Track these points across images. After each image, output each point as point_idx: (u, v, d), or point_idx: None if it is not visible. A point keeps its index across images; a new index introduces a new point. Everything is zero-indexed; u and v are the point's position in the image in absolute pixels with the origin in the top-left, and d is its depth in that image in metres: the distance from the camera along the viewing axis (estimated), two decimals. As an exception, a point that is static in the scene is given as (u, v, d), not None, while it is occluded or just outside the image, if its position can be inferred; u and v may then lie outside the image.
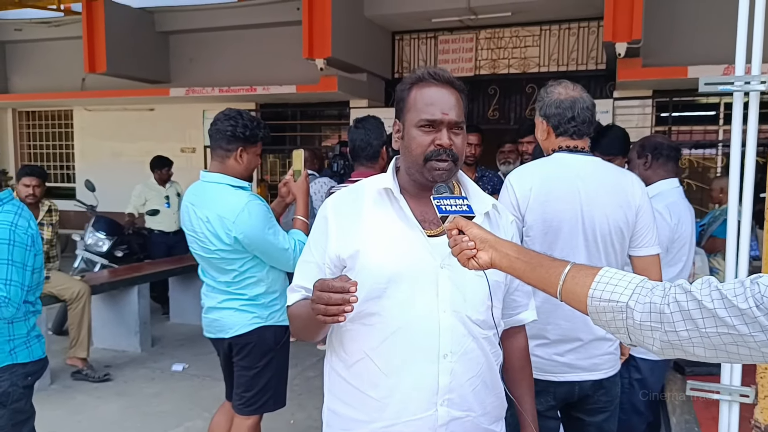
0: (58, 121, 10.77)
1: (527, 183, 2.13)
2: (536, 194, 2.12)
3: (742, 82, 2.09)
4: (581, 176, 2.15)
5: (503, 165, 4.87)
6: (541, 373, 2.13)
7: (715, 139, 6.95)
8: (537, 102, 2.26)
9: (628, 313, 1.09)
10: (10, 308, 2.27)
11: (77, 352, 4.88)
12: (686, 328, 1.03)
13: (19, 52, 10.16)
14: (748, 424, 2.14)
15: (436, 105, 1.49)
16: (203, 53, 8.83)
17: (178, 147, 9.37)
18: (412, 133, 1.51)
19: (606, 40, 5.71)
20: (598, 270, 1.17)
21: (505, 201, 2.13)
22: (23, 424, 2.41)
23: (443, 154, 1.48)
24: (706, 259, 3.66)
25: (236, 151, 2.70)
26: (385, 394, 1.49)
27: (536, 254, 1.28)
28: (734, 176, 2.16)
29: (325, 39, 6.45)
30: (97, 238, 6.52)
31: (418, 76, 1.54)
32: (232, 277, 2.72)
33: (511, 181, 2.16)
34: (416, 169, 1.52)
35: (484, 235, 1.30)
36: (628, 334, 1.11)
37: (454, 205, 1.37)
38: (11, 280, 2.26)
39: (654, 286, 1.10)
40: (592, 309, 1.14)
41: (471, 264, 1.30)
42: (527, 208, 2.12)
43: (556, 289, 1.20)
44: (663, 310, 1.05)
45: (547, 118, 2.21)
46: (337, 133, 8.86)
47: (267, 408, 2.86)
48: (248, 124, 2.72)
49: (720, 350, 1.01)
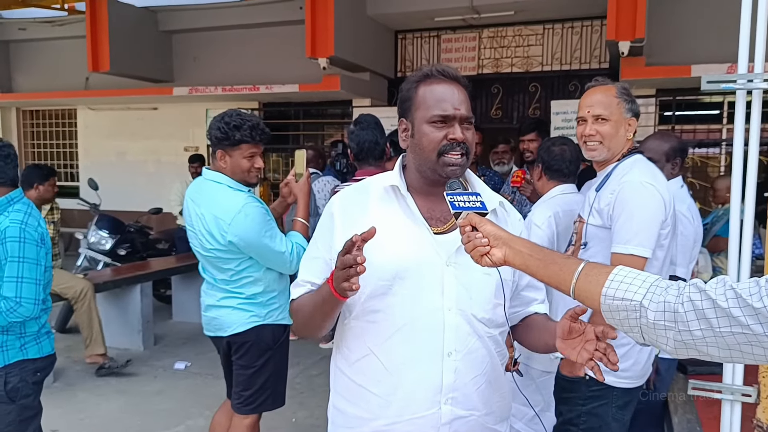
0: (62, 120, 10.80)
1: (664, 185, 2.11)
2: (669, 197, 2.11)
3: (745, 80, 2.09)
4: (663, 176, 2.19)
5: (497, 165, 4.85)
6: (639, 379, 2.19)
7: (719, 138, 6.94)
8: (623, 96, 2.16)
9: (642, 312, 1.08)
10: (26, 307, 2.30)
11: (95, 349, 4.90)
12: (700, 327, 1.02)
13: (23, 51, 10.19)
14: (750, 423, 2.14)
15: (447, 101, 1.49)
16: (206, 52, 8.84)
17: (181, 146, 9.39)
18: (424, 129, 1.50)
19: (609, 39, 5.70)
20: (612, 268, 1.16)
21: (655, 206, 2.06)
22: (31, 420, 2.42)
23: (457, 148, 1.48)
24: (709, 259, 3.65)
25: (217, 153, 2.68)
26: (388, 392, 1.49)
27: (549, 251, 1.28)
28: (737, 175, 2.15)
29: (327, 38, 6.45)
30: (100, 237, 6.53)
31: (425, 73, 1.54)
32: (229, 276, 2.71)
33: (653, 184, 2.07)
34: (429, 165, 1.51)
35: (498, 231, 1.30)
36: (642, 333, 1.10)
37: (467, 201, 1.36)
38: (23, 278, 2.29)
39: (669, 285, 1.09)
40: (606, 307, 1.14)
41: (484, 261, 1.29)
42: (671, 211, 2.10)
43: (569, 287, 1.19)
44: (677, 309, 1.04)
45: (636, 115, 2.18)
46: (340, 132, 8.87)
47: (265, 407, 2.86)
48: (223, 127, 2.61)
49: (734, 350, 1.00)
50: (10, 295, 2.28)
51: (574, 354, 1.32)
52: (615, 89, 2.16)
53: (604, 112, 2.13)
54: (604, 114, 2.13)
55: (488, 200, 1.53)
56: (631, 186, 2.05)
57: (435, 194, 1.53)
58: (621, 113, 2.13)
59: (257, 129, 2.65)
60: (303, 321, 1.59)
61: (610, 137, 2.14)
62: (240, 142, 2.63)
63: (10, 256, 2.29)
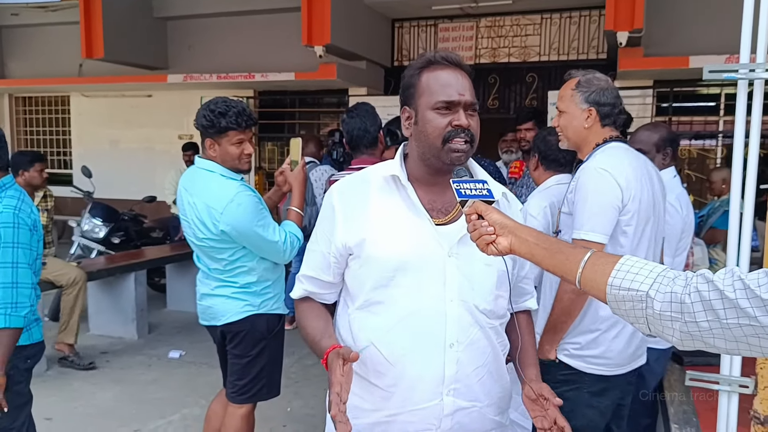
0: (55, 107, 10.72)
1: (624, 172, 2.09)
2: (634, 183, 2.09)
3: (747, 70, 2.06)
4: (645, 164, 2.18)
5: (505, 154, 4.87)
6: (617, 367, 2.18)
7: (715, 130, 6.94)
8: (580, 88, 2.19)
9: (648, 303, 1.07)
10: (24, 290, 2.28)
11: (65, 338, 4.87)
12: (707, 318, 1.00)
13: (17, 37, 10.08)
14: (747, 414, 2.13)
15: (452, 86, 1.47)
16: (202, 39, 8.76)
17: (175, 134, 9.32)
18: (428, 116, 1.48)
19: (607, 29, 5.67)
20: (618, 258, 1.15)
21: (606, 190, 2.06)
22: (22, 407, 2.42)
23: (462, 135, 1.46)
24: (705, 250, 3.65)
25: (206, 142, 2.65)
26: (390, 383, 1.49)
27: (556, 240, 1.27)
28: (737, 166, 2.14)
29: (324, 26, 6.40)
30: (94, 225, 6.50)
31: (428, 59, 1.52)
32: (222, 265, 2.69)
33: (609, 170, 2.07)
34: (433, 153, 1.49)
35: (504, 220, 1.28)
36: (648, 324, 1.09)
37: (474, 188, 1.34)
38: (18, 263, 2.28)
39: (676, 275, 1.07)
40: (611, 297, 1.12)
41: (490, 249, 1.28)
42: (631, 197, 2.08)
43: (575, 276, 1.17)
44: (684, 300, 1.03)
45: (598, 105, 2.17)
46: (336, 121, 8.83)
47: (260, 397, 2.85)
48: (208, 115, 2.58)
49: (741, 342, 0.98)
50: (6, 281, 2.25)
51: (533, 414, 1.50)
52: (575, 81, 2.23)
53: (561, 104, 2.27)
54: (561, 107, 2.27)
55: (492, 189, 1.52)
56: (587, 172, 2.10)
57: (437, 184, 1.52)
58: (575, 104, 2.20)
59: (243, 115, 2.61)
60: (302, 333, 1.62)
61: (566, 128, 2.25)
62: (227, 129, 2.59)
63: (4, 242, 2.27)
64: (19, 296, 2.26)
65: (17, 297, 2.26)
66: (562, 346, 2.19)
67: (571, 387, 2.15)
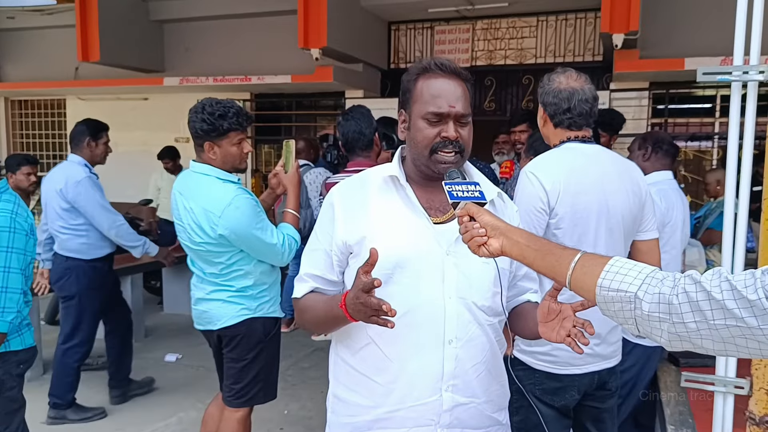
0: (51, 110, 10.69)
1: (554, 174, 2.09)
2: (565, 186, 2.08)
3: (741, 72, 2.08)
4: (599, 165, 2.16)
5: (497, 155, 4.88)
6: (567, 367, 2.14)
7: (711, 132, 6.95)
8: (539, 87, 2.24)
9: (637, 304, 1.07)
10: (11, 296, 2.27)
11: None
12: (695, 319, 1.00)
13: (12, 40, 10.06)
14: (743, 415, 2.14)
15: (443, 97, 1.49)
16: (198, 42, 8.76)
17: (172, 137, 9.30)
18: (419, 124, 1.51)
19: (603, 32, 5.68)
20: (608, 259, 1.15)
21: (529, 194, 2.08)
22: (15, 413, 2.41)
23: (449, 146, 1.48)
24: (702, 252, 3.66)
25: (204, 146, 2.63)
26: (390, 380, 1.51)
27: (546, 242, 1.27)
28: (731, 168, 2.14)
29: (320, 28, 6.40)
30: (91, 228, 6.46)
31: (424, 66, 1.54)
32: (219, 269, 2.69)
33: (536, 174, 2.09)
34: (422, 161, 1.53)
35: (496, 222, 1.30)
36: (636, 325, 1.09)
37: (465, 191, 1.36)
38: (10, 267, 2.27)
39: (664, 276, 1.07)
40: (601, 299, 1.13)
41: (481, 251, 1.30)
42: (558, 200, 2.07)
43: (565, 278, 1.19)
44: (671, 300, 1.03)
45: (545, 105, 2.21)
46: (333, 124, 8.82)
47: (257, 400, 2.85)
48: (208, 118, 2.56)
49: (728, 343, 0.99)
50: None
51: (553, 335, 1.37)
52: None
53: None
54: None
55: (486, 191, 1.53)
56: (520, 175, 2.16)
57: (433, 185, 1.55)
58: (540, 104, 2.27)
59: (242, 115, 2.63)
60: (311, 323, 1.63)
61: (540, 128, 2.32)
62: (228, 131, 2.60)
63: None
64: (8, 301, 2.26)
65: (5, 302, 2.25)
66: (516, 342, 2.19)
67: (525, 383, 2.15)
